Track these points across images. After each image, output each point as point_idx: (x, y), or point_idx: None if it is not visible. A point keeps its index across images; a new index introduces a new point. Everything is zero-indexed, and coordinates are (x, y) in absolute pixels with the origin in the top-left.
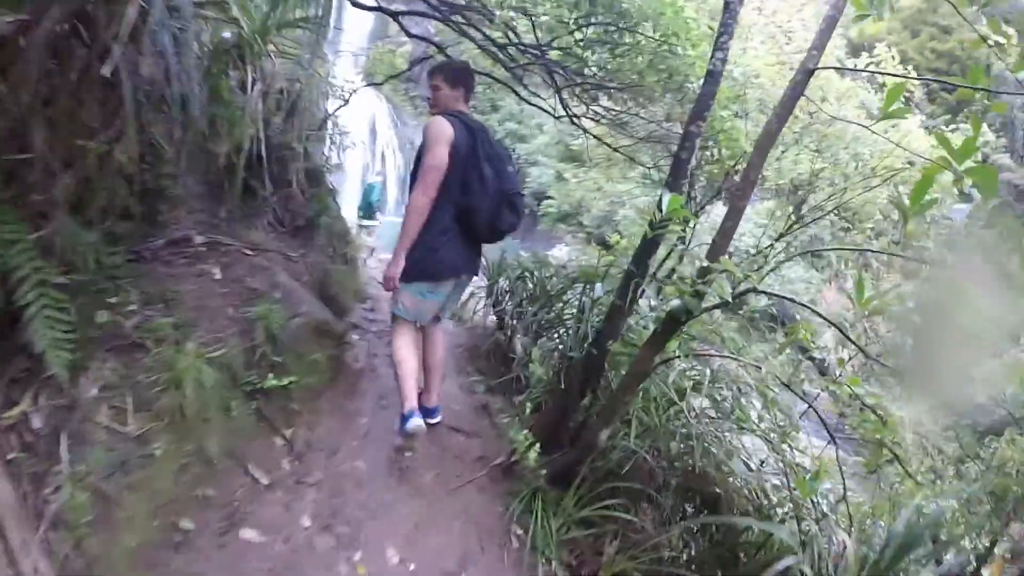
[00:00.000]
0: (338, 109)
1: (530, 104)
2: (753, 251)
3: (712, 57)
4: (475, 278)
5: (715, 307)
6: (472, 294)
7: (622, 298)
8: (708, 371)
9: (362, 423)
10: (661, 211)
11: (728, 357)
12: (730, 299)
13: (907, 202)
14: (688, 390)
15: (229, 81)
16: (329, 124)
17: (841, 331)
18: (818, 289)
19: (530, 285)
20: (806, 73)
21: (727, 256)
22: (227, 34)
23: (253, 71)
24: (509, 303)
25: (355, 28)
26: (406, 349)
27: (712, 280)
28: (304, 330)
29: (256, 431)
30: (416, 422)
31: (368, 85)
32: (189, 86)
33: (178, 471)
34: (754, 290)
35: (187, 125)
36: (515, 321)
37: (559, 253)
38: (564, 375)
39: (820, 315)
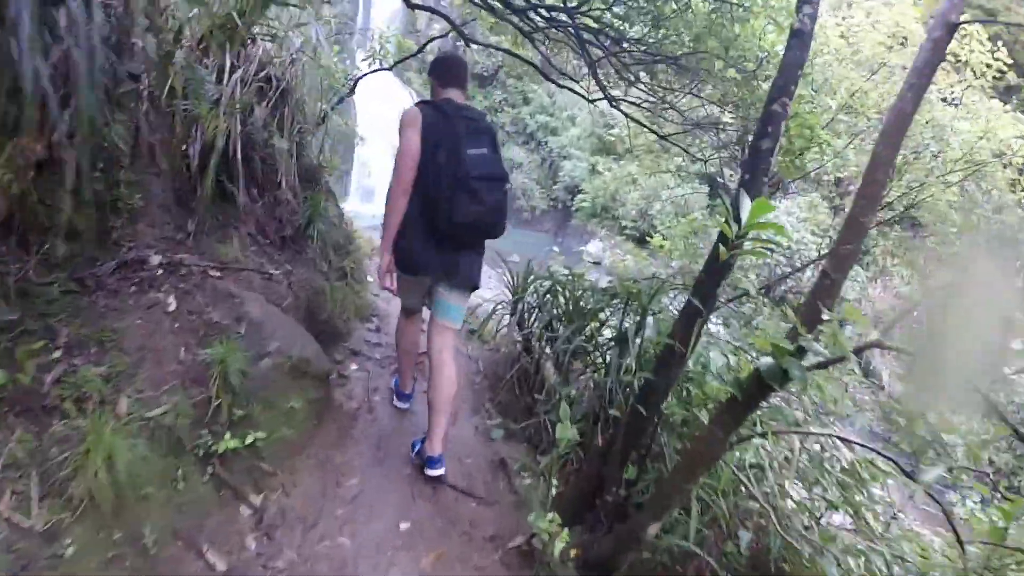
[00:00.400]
0: (340, 101)
1: (557, 84)
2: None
3: (798, 11)
4: (477, 289)
5: (824, 365)
6: (495, 310)
7: (682, 339)
8: (799, 445)
9: (351, 484)
10: (738, 222)
11: (831, 436)
12: (852, 354)
13: None
14: (767, 467)
15: (197, 71)
16: (329, 117)
17: None
18: (863, 286)
19: (561, 301)
20: (948, 28)
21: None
22: (193, 13)
23: (233, 57)
24: (537, 323)
25: (383, 19)
26: (405, 324)
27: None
28: (276, 373)
29: (214, 503)
30: (403, 405)
31: (375, 71)
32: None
33: (104, 566)
34: (879, 344)
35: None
36: (544, 344)
37: (593, 248)
38: (602, 429)
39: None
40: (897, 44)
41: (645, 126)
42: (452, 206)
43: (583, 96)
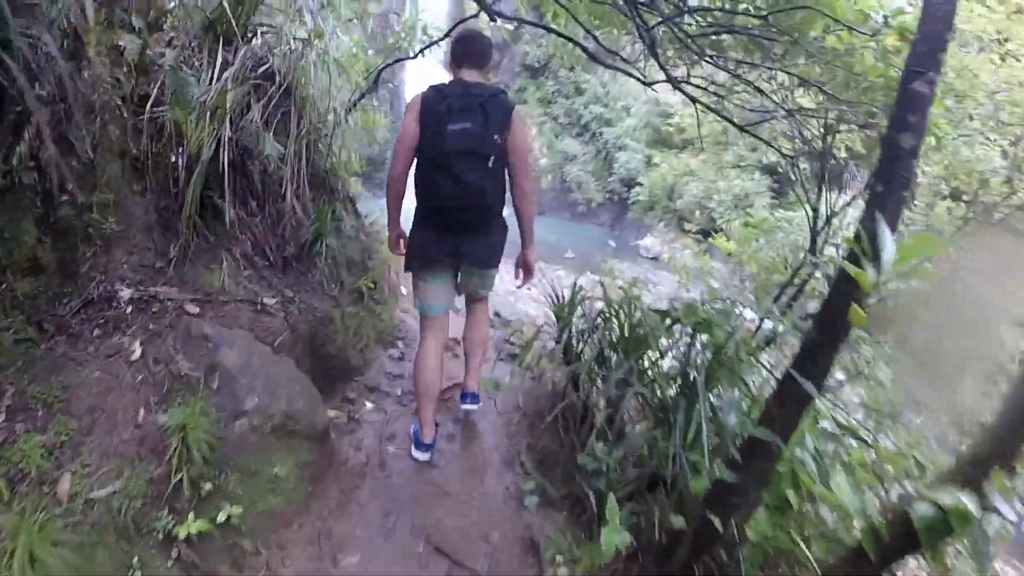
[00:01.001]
0: (362, 97)
1: (606, 66)
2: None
3: None
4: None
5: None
6: (538, 334)
7: (780, 428)
8: None
9: (350, 563)
10: (875, 260)
11: None
12: None
13: None
14: None
15: (178, 73)
16: (342, 115)
17: None
18: None
19: (615, 326)
20: None
21: None
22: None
23: (229, 54)
24: (586, 351)
25: (429, 15)
26: (423, 358)
27: None
28: (255, 435)
29: None
30: (422, 456)
31: (397, 61)
32: None
33: None
34: None
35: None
36: (594, 378)
37: (650, 243)
38: (660, 512)
39: None
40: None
41: (716, 112)
42: (435, 188)
43: (639, 79)
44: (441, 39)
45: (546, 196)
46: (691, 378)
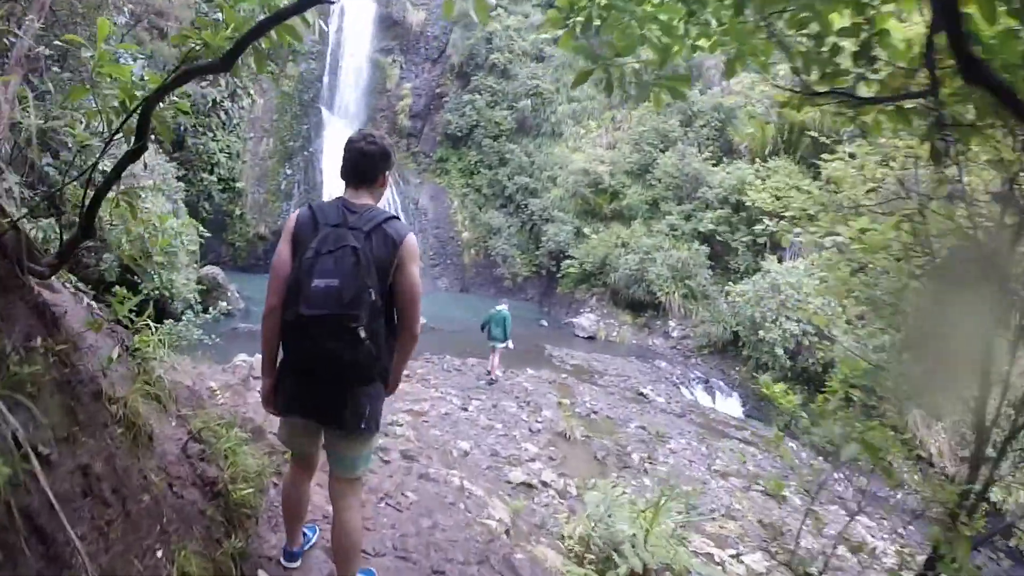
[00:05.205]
0: (121, 169)
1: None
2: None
3: None
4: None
5: None
6: None
7: None
8: None
9: None
10: None
11: None
12: None
13: None
14: None
15: None
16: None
17: None
18: None
19: None
20: None
21: None
22: None
23: None
24: None
25: (351, 77)
26: (287, 489)
27: None
28: None
29: None
30: (292, 564)
31: (181, 71)
32: None
33: None
34: None
35: None
36: None
37: (584, 322)
38: None
39: None
40: None
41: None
42: (290, 343)
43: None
44: (255, 36)
45: (470, 272)
46: None
